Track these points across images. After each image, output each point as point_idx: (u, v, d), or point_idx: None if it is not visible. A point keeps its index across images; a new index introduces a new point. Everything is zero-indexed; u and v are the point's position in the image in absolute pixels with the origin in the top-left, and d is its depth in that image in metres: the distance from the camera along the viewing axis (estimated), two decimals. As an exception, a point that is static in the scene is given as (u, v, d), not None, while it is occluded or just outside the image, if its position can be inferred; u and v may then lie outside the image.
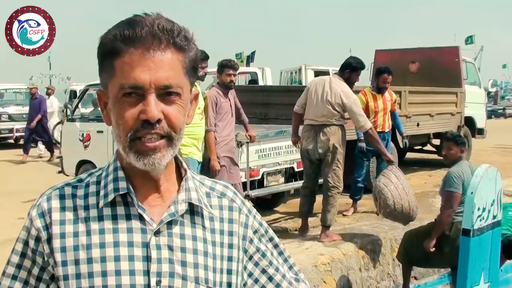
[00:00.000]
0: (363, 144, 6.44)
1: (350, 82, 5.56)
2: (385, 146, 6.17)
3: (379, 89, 6.67)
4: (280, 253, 1.22)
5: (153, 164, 1.02)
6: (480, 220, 4.11)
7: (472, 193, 4.06)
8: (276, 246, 1.22)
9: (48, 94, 14.50)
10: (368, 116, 6.03)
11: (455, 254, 4.42)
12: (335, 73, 6.01)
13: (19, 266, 1.08)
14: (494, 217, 4.29)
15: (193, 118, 1.14)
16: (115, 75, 1.01)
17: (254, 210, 1.21)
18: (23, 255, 1.07)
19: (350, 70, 5.57)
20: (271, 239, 1.21)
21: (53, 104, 14.24)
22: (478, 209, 4.07)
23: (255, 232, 1.17)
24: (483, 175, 4.10)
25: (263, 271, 1.17)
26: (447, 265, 5.04)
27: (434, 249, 4.69)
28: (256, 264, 1.17)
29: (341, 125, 5.45)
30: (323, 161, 5.39)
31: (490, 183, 4.21)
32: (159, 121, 1.00)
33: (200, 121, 5.05)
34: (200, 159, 5.16)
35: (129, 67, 0.99)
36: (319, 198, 5.60)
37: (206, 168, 5.22)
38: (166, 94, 1.01)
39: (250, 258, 1.16)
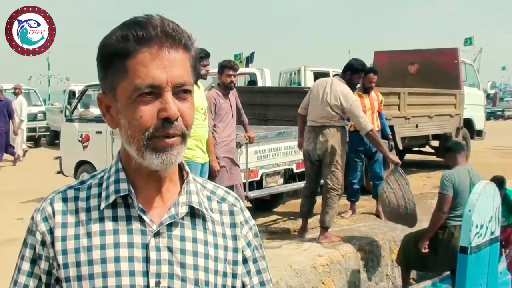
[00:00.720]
0: None
1: (351, 84, 5.55)
2: None
3: (365, 89, 6.70)
4: (260, 277, 1.19)
5: (170, 161, 1.02)
6: (478, 237, 4.08)
7: (470, 210, 4.02)
8: (258, 272, 1.18)
9: (16, 94, 13.56)
10: None
11: (450, 258, 4.42)
12: (335, 75, 6.01)
13: (29, 274, 1.07)
14: (492, 233, 4.26)
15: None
16: (127, 76, 1.00)
17: (252, 222, 1.19)
18: (33, 261, 1.07)
19: (351, 72, 5.55)
20: (255, 261, 1.18)
21: (22, 106, 13.15)
22: (476, 226, 4.03)
23: (249, 244, 1.16)
24: (481, 192, 4.06)
25: None
26: (443, 269, 5.04)
27: (427, 250, 4.70)
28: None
29: (342, 126, 5.45)
30: (323, 162, 5.39)
31: (488, 200, 4.18)
32: (176, 118, 1.00)
33: (203, 121, 5.02)
34: (204, 161, 5.07)
35: (144, 67, 0.99)
36: (320, 199, 5.59)
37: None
38: (179, 92, 1.02)
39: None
